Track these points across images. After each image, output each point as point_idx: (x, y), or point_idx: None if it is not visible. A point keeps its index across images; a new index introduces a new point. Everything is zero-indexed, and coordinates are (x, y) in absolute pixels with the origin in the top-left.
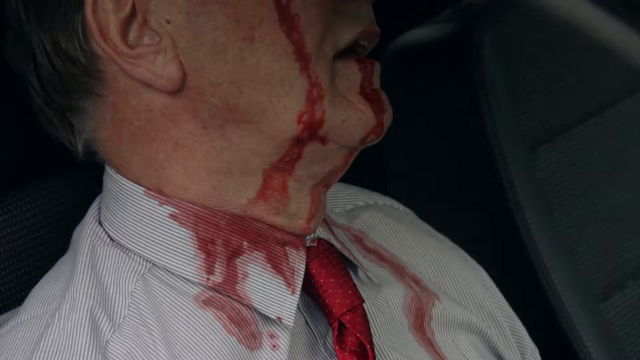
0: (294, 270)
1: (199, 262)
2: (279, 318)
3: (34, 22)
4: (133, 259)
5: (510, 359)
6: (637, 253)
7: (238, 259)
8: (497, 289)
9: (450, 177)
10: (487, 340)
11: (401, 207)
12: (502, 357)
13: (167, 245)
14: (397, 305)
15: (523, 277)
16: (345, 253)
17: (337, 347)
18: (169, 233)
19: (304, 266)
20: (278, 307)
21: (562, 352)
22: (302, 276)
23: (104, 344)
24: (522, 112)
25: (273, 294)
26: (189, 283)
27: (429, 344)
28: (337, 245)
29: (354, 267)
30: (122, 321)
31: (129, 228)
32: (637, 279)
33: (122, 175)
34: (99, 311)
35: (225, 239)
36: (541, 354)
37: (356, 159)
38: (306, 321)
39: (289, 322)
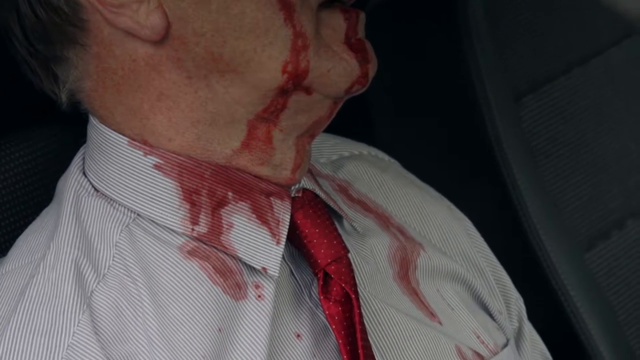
0: (278, 221)
1: (183, 213)
2: (264, 268)
3: None
4: (117, 209)
5: (495, 308)
6: (621, 203)
7: (223, 210)
8: (482, 238)
9: (436, 127)
10: (471, 290)
11: (386, 157)
12: (486, 306)
13: (152, 196)
14: (382, 255)
15: (508, 227)
16: (330, 203)
17: (322, 297)
18: (153, 183)
19: (288, 216)
20: (263, 258)
21: (546, 301)
22: (287, 226)
23: (89, 294)
24: (507, 62)
25: (258, 244)
26: (174, 233)
27: (414, 294)
28: (322, 195)
29: (339, 218)
30: (107, 271)
31: (113, 178)
32: (622, 228)
33: (106, 126)
34: (84, 261)
35: (209, 189)
36: (526, 303)
37: (342, 110)
38: (291, 271)
39: (274, 272)
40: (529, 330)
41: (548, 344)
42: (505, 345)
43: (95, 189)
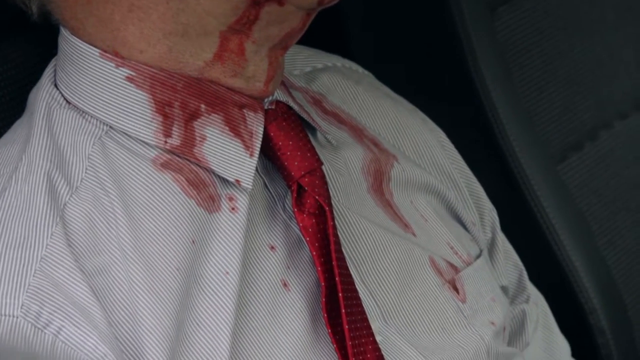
0: (252, 133)
1: (156, 125)
2: (237, 181)
3: None
4: (90, 121)
5: (468, 219)
6: (594, 114)
7: (196, 122)
8: (455, 150)
9: (410, 38)
10: (445, 202)
11: (360, 69)
12: (460, 217)
13: (124, 108)
14: (356, 167)
15: (481, 139)
16: (304, 115)
17: (296, 210)
18: (126, 96)
19: (262, 129)
20: (236, 170)
21: (519, 212)
22: (261, 139)
23: (62, 206)
24: None
25: (231, 156)
26: (147, 146)
27: (388, 205)
28: (296, 107)
29: (313, 130)
30: (80, 184)
31: (85, 90)
32: (595, 139)
33: (77, 37)
34: (56, 174)
35: (182, 101)
36: (499, 215)
37: (316, 22)
38: (265, 184)
39: (248, 184)
40: (502, 241)
41: (521, 254)
42: (479, 256)
43: (67, 101)
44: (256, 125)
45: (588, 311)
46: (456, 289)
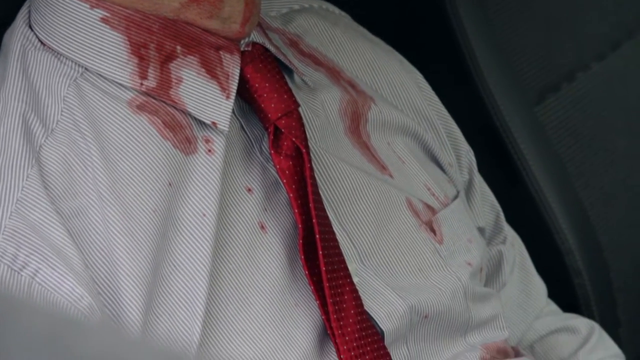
0: (228, 75)
1: (131, 67)
2: (213, 123)
3: None
4: (65, 63)
5: (445, 160)
6: (572, 55)
7: (172, 64)
8: (432, 91)
9: None
10: (422, 143)
11: (337, 10)
12: (437, 158)
13: (99, 50)
14: (333, 109)
15: (459, 79)
16: (281, 57)
17: (272, 152)
18: (101, 37)
19: (238, 70)
20: (213, 112)
21: (496, 153)
22: (237, 81)
23: (38, 148)
24: None
25: (207, 98)
26: (122, 88)
27: (365, 147)
28: (272, 49)
29: (290, 72)
30: (56, 126)
31: (60, 32)
32: (572, 81)
33: None
34: (32, 116)
35: (158, 43)
36: (476, 157)
37: None
38: (241, 126)
39: (224, 126)
40: (479, 183)
41: (498, 196)
42: (456, 197)
43: (42, 43)
44: (232, 67)
45: (564, 252)
46: (433, 230)
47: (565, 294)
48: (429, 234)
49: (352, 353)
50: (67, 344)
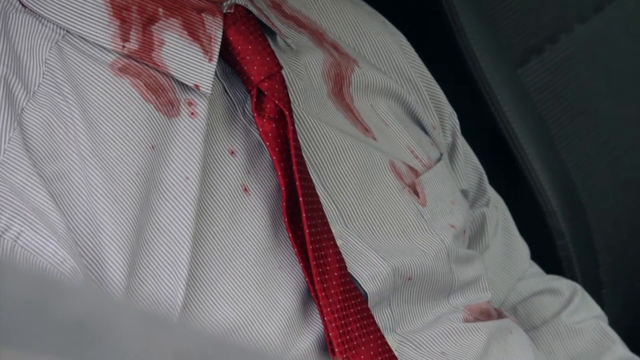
0: (210, 37)
1: (113, 29)
2: (196, 85)
3: None
4: (46, 25)
5: (429, 123)
6: (555, 17)
7: (154, 26)
8: (415, 53)
9: None
10: (405, 105)
11: None
12: (420, 121)
13: (81, 12)
14: (316, 71)
15: (441, 42)
16: (263, 19)
17: (255, 114)
18: None
19: (221, 33)
20: (195, 75)
21: (479, 116)
22: (219, 43)
23: (19, 111)
24: None
25: (190, 61)
26: (104, 50)
27: (348, 110)
28: (255, 11)
29: (272, 34)
30: (37, 89)
31: None
32: (555, 43)
33: None
34: (13, 79)
35: (140, 5)
36: (459, 119)
37: None
38: (224, 89)
39: (207, 89)
40: (462, 145)
41: (481, 158)
42: (439, 159)
43: (23, 5)
44: (215, 29)
45: (547, 214)
46: (416, 193)
47: (548, 256)
48: (412, 196)
49: (336, 315)
50: (49, 306)
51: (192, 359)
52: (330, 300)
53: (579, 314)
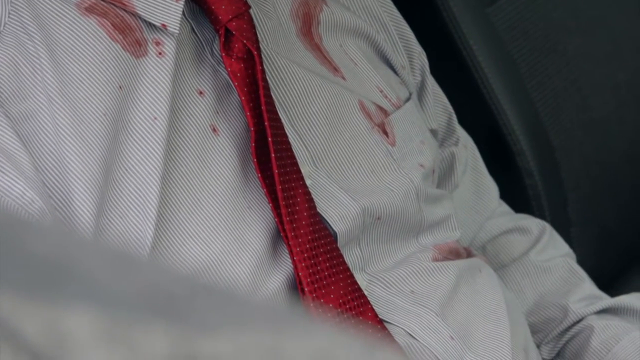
0: None
1: None
2: (163, 25)
3: None
4: None
5: (398, 62)
6: None
7: None
8: None
9: None
10: (374, 45)
11: None
12: (389, 61)
13: None
14: (285, 10)
15: None
16: None
17: (224, 54)
18: None
19: None
20: (162, 14)
21: (448, 55)
22: None
23: None
24: None
25: (157, 0)
26: None
27: (317, 49)
28: None
29: None
30: (3, 29)
31: None
32: None
33: None
34: None
35: None
36: (428, 58)
37: None
38: (192, 28)
39: (174, 29)
40: (432, 84)
41: (450, 98)
42: (408, 99)
43: None
44: None
45: (516, 153)
46: (385, 133)
47: (517, 195)
48: (381, 136)
49: (305, 255)
50: (17, 245)
51: (159, 297)
52: (300, 240)
53: (548, 252)
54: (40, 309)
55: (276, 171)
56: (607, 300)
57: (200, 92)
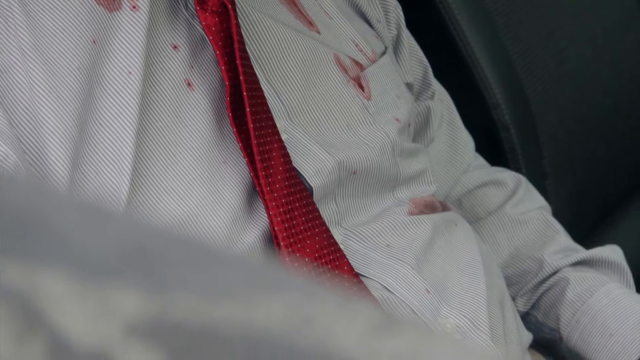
0: None
1: None
2: None
3: None
4: None
5: (373, 16)
6: None
7: None
8: None
9: None
10: None
11: None
12: (365, 14)
13: None
14: None
15: None
16: None
17: (198, 8)
18: None
19: None
20: None
21: (424, 8)
22: None
23: None
24: None
25: None
26: None
27: (292, 3)
28: None
29: None
30: None
31: None
32: None
33: None
34: None
35: None
36: (403, 10)
37: None
38: None
39: None
40: (407, 38)
41: (426, 51)
42: (384, 53)
43: None
44: None
45: (491, 106)
46: (361, 87)
47: (493, 148)
48: (357, 90)
49: (281, 209)
50: None
51: (132, 251)
52: (275, 194)
53: (523, 205)
54: (12, 263)
55: (251, 126)
56: (582, 253)
57: (175, 47)
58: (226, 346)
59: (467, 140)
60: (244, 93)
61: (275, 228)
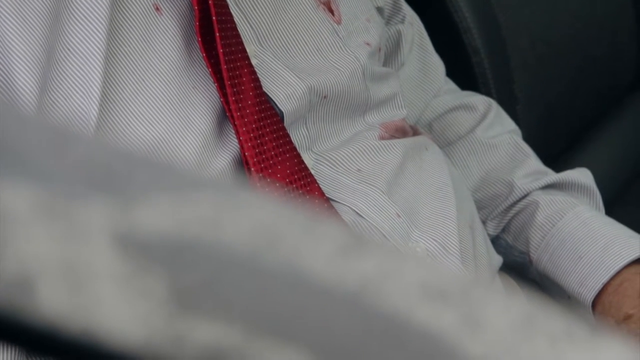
0: None
1: None
2: None
3: None
4: None
5: None
6: None
7: None
8: None
9: None
10: None
11: None
12: None
13: None
14: None
15: None
16: None
17: None
18: None
19: None
20: None
21: None
22: None
23: None
24: None
25: None
26: None
27: None
28: None
29: None
30: None
31: None
32: None
33: None
34: None
35: None
36: None
37: None
38: None
39: None
40: None
41: None
42: None
43: None
44: None
45: (462, 30)
46: (331, 10)
47: (464, 73)
48: (327, 14)
49: (252, 134)
50: None
51: (98, 171)
52: (246, 119)
53: (494, 129)
54: None
55: (221, 50)
56: (552, 176)
57: None
58: (192, 266)
59: (437, 65)
60: (213, 17)
61: (246, 153)
